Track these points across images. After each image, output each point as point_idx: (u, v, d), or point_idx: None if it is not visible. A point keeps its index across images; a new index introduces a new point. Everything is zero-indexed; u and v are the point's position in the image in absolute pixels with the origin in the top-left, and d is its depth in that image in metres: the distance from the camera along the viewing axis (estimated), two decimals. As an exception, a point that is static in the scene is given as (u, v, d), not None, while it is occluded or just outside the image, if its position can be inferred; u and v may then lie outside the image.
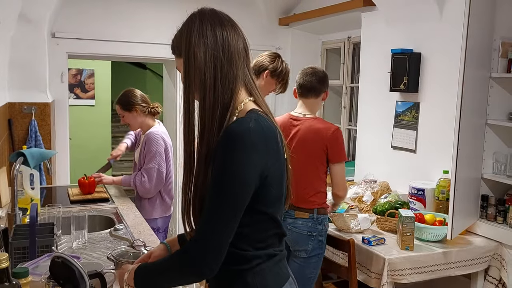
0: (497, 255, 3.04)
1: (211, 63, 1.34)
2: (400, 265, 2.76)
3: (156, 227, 3.34)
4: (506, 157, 3.01)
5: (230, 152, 1.28)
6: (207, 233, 1.30)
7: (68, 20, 4.64)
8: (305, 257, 2.85)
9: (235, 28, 1.41)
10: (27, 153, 2.56)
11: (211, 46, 1.34)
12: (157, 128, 3.43)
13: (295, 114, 2.97)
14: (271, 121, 1.40)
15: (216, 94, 1.34)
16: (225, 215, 1.29)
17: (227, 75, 1.35)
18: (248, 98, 1.41)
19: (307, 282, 2.86)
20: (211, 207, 1.30)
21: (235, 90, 1.37)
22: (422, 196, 3.36)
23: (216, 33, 1.36)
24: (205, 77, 1.34)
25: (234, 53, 1.37)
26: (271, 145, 1.35)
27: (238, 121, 1.33)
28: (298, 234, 2.83)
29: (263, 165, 1.31)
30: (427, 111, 3.66)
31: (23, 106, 4.25)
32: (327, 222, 2.92)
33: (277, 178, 1.38)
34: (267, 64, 3.03)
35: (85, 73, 7.58)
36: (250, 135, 1.29)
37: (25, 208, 2.63)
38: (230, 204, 1.29)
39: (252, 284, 1.38)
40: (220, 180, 1.29)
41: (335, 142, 2.82)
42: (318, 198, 2.86)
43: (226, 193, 1.29)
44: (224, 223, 1.30)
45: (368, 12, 4.23)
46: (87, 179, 3.44)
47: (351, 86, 5.10)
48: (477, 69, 2.92)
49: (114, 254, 1.87)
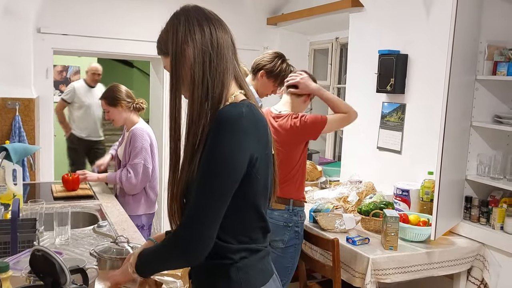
0: (480, 256, 3.06)
1: (200, 59, 1.34)
2: (384, 265, 2.77)
3: (140, 224, 3.32)
4: (490, 159, 3.04)
5: (221, 134, 1.28)
6: (195, 215, 1.29)
7: (54, 15, 4.59)
8: (282, 247, 2.85)
9: (221, 23, 1.41)
10: (10, 148, 2.53)
11: (199, 41, 1.34)
12: (142, 124, 3.42)
13: (273, 110, 2.98)
14: (262, 114, 1.40)
15: (204, 89, 1.34)
16: (214, 196, 1.29)
17: (216, 68, 1.35)
18: (239, 91, 1.42)
19: (285, 272, 2.85)
20: (200, 190, 1.30)
21: (225, 84, 1.37)
22: (406, 196, 3.38)
23: (204, 28, 1.36)
24: (194, 72, 1.34)
25: (223, 46, 1.37)
26: (262, 134, 1.36)
27: (231, 105, 1.33)
28: (274, 225, 2.82)
29: (251, 152, 1.31)
30: (413, 113, 3.68)
31: (7, 101, 4.20)
32: (303, 213, 2.93)
33: (263, 169, 1.38)
34: (263, 63, 3.02)
35: (71, 70, 7.52)
36: (242, 119, 1.29)
37: (7, 203, 2.59)
38: (219, 186, 1.29)
39: (236, 279, 1.37)
40: (209, 161, 1.29)
41: (305, 126, 2.82)
42: (292, 188, 2.86)
43: (215, 174, 1.28)
44: (212, 206, 1.29)
45: (356, 13, 4.24)
46: (70, 175, 3.41)
47: (338, 87, 5.11)
48: (463, 71, 2.94)
49: (97, 250, 1.85)
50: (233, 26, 1.48)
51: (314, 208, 3.32)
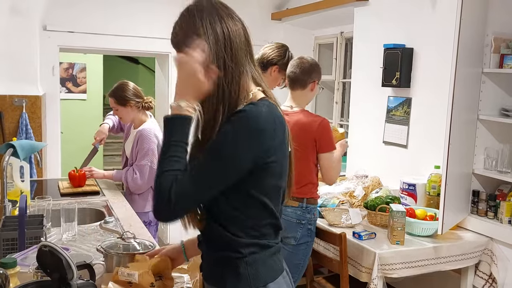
0: (488, 250, 3.05)
1: (215, 54, 1.32)
2: (391, 260, 2.77)
3: (147, 221, 3.33)
4: (498, 152, 3.02)
5: (236, 129, 1.29)
6: (186, 187, 1.28)
7: (59, 13, 4.60)
8: (294, 244, 2.85)
9: (232, 16, 1.39)
10: (17, 145, 2.54)
11: (213, 36, 1.33)
12: (150, 124, 3.41)
13: (283, 107, 2.94)
14: (281, 113, 1.40)
15: (220, 93, 1.33)
16: (206, 182, 1.30)
17: (231, 63, 1.34)
18: (257, 88, 1.41)
19: (296, 269, 2.85)
20: (199, 165, 1.31)
21: (241, 77, 1.36)
22: (413, 191, 3.37)
23: (217, 23, 1.34)
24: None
25: (236, 41, 1.35)
26: (279, 134, 1.36)
27: (252, 104, 1.33)
28: (287, 222, 2.82)
29: (265, 151, 1.32)
30: (419, 106, 3.66)
31: (14, 98, 4.22)
32: (316, 211, 2.92)
33: (278, 168, 1.38)
34: (276, 59, 3.00)
35: (77, 67, 7.53)
36: (260, 119, 1.30)
37: (15, 200, 2.61)
38: (217, 170, 1.30)
39: (244, 274, 1.37)
40: (218, 147, 1.30)
41: (321, 134, 2.81)
42: (308, 188, 2.86)
43: (218, 159, 1.29)
44: (202, 188, 1.30)
45: (360, 7, 4.22)
46: (77, 172, 3.42)
47: (343, 82, 5.10)
48: (469, 64, 2.92)
49: (103, 246, 1.86)
50: (238, 21, 1.45)
51: (320, 203, 3.32)
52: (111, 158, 8.05)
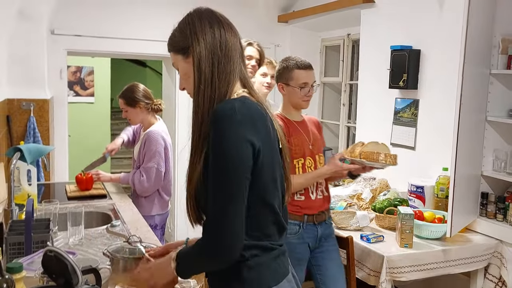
0: (497, 253, 3.02)
1: (209, 60, 1.39)
2: (399, 263, 2.75)
3: (153, 224, 3.33)
4: (506, 154, 2.99)
5: (218, 131, 1.31)
6: (216, 215, 1.31)
7: (67, 16, 4.62)
8: None
9: (230, 26, 1.47)
10: (24, 148, 2.55)
11: (209, 42, 1.40)
12: (158, 126, 3.41)
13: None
14: (262, 108, 1.42)
15: (212, 88, 1.39)
16: (229, 191, 1.30)
17: (224, 70, 1.40)
18: (242, 89, 1.45)
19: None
20: (214, 189, 1.32)
21: (230, 84, 1.41)
22: (421, 193, 3.35)
23: (214, 29, 1.42)
24: (203, 72, 1.39)
25: (231, 49, 1.43)
26: (260, 125, 1.37)
27: (224, 101, 1.37)
28: None
29: (251, 141, 1.33)
30: (427, 108, 3.64)
31: (21, 102, 4.24)
32: None
33: (267, 160, 1.38)
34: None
35: (85, 70, 7.57)
36: (235, 112, 1.32)
37: (22, 204, 2.61)
38: (231, 180, 1.30)
39: (247, 277, 1.37)
40: (215, 160, 1.32)
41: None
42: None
43: (224, 170, 1.30)
44: (229, 202, 1.30)
45: (367, 9, 4.21)
46: (84, 175, 3.43)
47: (350, 84, 5.08)
48: (477, 65, 2.90)
49: (109, 250, 1.85)
50: (244, 24, 1.52)
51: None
52: (118, 161, 8.07)
